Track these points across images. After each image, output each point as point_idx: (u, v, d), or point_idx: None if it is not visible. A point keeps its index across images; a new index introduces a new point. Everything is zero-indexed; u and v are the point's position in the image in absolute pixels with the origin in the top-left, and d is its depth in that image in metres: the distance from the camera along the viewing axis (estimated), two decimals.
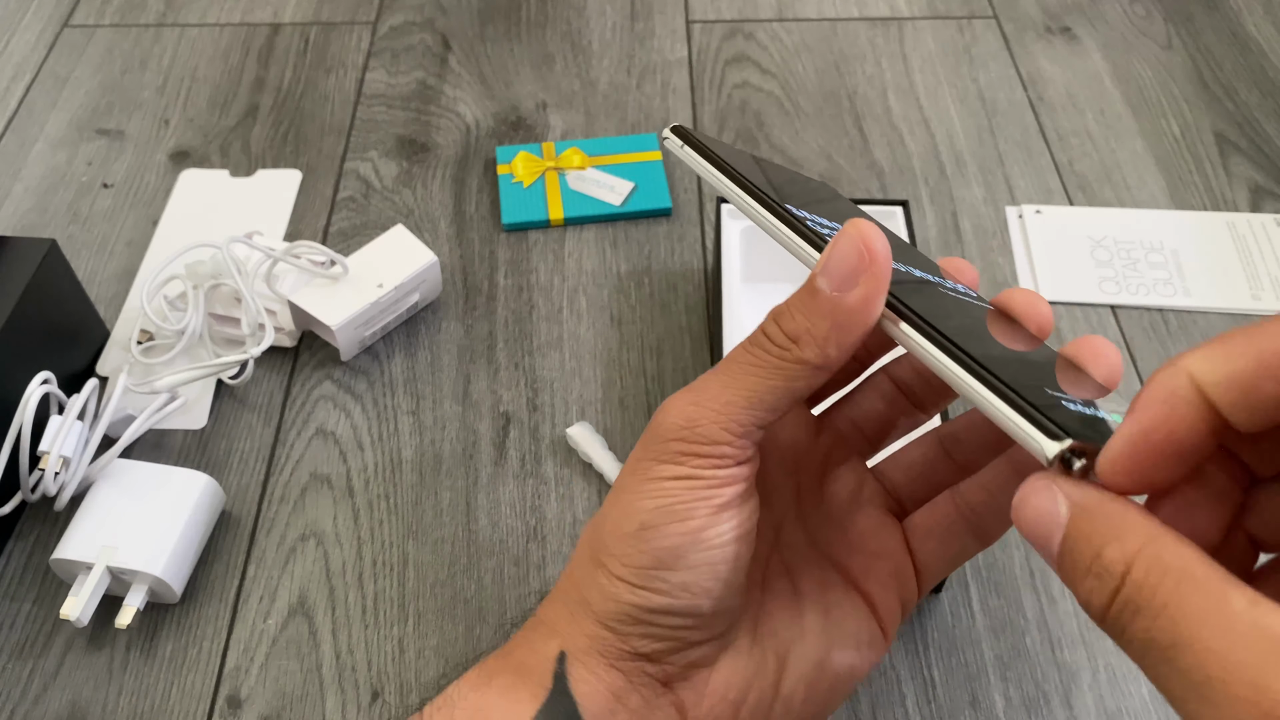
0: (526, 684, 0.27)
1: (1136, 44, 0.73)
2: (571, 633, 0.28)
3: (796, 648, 0.28)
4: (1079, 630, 0.45)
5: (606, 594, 0.27)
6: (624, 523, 0.27)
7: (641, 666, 0.27)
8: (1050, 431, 0.23)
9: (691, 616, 0.27)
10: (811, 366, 0.25)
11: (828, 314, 0.24)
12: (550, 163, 0.63)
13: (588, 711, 0.27)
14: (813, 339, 0.24)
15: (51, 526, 0.48)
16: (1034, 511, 0.21)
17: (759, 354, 0.26)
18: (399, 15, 0.75)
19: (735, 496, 0.26)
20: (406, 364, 0.54)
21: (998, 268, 0.59)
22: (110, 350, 0.55)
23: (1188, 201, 0.63)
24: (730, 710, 0.28)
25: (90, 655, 0.45)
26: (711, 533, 0.26)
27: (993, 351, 0.26)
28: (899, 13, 0.75)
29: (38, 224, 0.61)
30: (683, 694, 0.28)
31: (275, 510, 0.49)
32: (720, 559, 0.26)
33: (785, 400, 0.25)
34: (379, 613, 0.46)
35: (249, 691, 0.44)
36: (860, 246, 0.24)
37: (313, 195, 0.63)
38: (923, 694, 0.43)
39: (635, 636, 0.27)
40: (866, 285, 0.24)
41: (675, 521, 0.26)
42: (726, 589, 0.27)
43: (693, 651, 0.27)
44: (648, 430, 0.27)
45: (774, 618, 0.29)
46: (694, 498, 0.26)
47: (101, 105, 0.69)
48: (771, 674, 0.28)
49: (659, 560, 0.26)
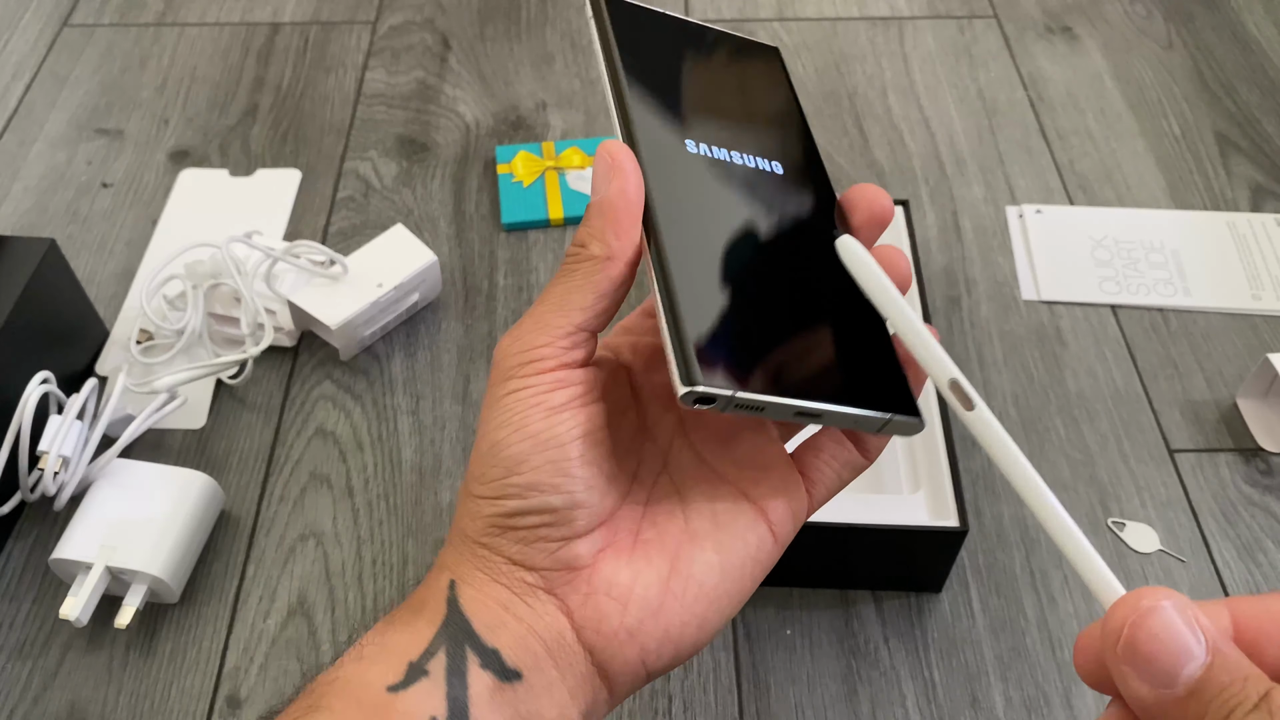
0: (424, 614, 0.30)
1: (1137, 44, 0.73)
2: (457, 563, 0.30)
3: (685, 549, 0.31)
4: (1079, 631, 0.45)
5: (473, 514, 0.30)
6: (480, 448, 0.30)
7: (520, 575, 0.30)
8: (688, 374, 0.26)
9: (545, 513, 0.29)
10: (601, 259, 0.29)
11: (597, 212, 0.29)
12: (550, 162, 0.63)
13: (479, 623, 0.29)
14: (592, 236, 0.29)
15: (51, 526, 0.48)
16: (1161, 636, 0.21)
17: (562, 268, 0.30)
18: (399, 15, 0.75)
19: (572, 398, 0.29)
20: (406, 364, 0.54)
21: (998, 267, 0.59)
22: (109, 350, 0.55)
23: (1188, 201, 0.63)
24: (616, 607, 0.29)
25: (90, 655, 0.45)
26: (549, 435, 0.29)
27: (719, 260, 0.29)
28: (899, 12, 0.75)
29: (37, 223, 0.61)
30: (565, 597, 0.30)
31: (275, 510, 0.49)
32: (562, 457, 0.29)
33: (589, 297, 0.29)
34: (378, 613, 0.46)
35: (248, 691, 0.43)
36: (605, 158, 0.29)
37: (312, 195, 0.63)
38: (923, 694, 0.43)
39: (503, 544, 0.30)
40: (617, 180, 0.29)
41: (515, 430, 0.29)
42: (574, 482, 0.29)
43: (561, 551, 0.29)
44: (491, 370, 0.31)
45: (658, 524, 0.31)
46: (528, 405, 0.29)
47: (101, 105, 0.68)
48: (657, 573, 0.30)
49: (507, 469, 0.29)
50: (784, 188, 0.33)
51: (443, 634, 0.29)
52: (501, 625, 0.29)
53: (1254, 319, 0.57)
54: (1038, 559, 0.47)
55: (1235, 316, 0.57)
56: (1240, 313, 0.57)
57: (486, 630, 0.29)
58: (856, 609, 0.46)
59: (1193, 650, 0.20)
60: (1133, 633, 0.21)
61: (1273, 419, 0.52)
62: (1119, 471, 0.50)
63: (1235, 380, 0.54)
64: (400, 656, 0.29)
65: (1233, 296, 0.58)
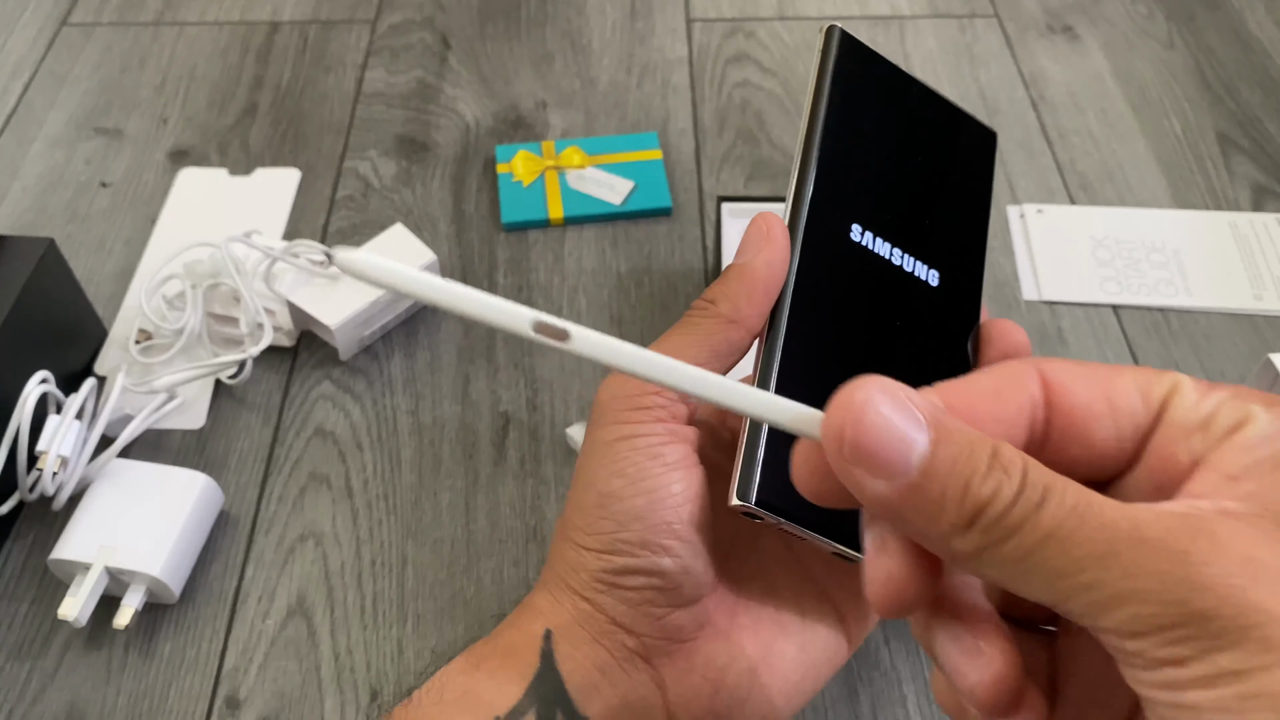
0: (515, 664, 0.28)
1: (1138, 43, 0.72)
2: (554, 612, 0.29)
3: (778, 642, 0.30)
4: None
5: (577, 566, 0.29)
6: (585, 496, 0.29)
7: (621, 639, 0.28)
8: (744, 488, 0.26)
9: (655, 575, 0.28)
10: (725, 319, 0.28)
11: (735, 275, 0.29)
12: (550, 162, 0.63)
13: (573, 685, 0.28)
14: (725, 296, 0.29)
15: (49, 526, 0.48)
16: (881, 427, 0.19)
17: (685, 319, 0.29)
18: (398, 13, 0.75)
19: (682, 457, 0.28)
20: (406, 364, 0.54)
21: (999, 267, 0.59)
22: (108, 349, 0.55)
23: (1190, 201, 0.63)
24: (709, 689, 0.28)
25: (88, 656, 0.44)
26: (664, 492, 0.28)
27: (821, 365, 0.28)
28: (900, 11, 0.75)
29: (36, 223, 0.61)
30: (663, 670, 0.29)
31: (274, 510, 0.49)
32: (676, 518, 0.28)
33: (705, 353, 0.28)
34: (378, 613, 0.46)
35: (248, 692, 0.43)
36: (761, 227, 0.29)
37: (312, 194, 0.63)
38: (924, 694, 0.43)
39: (608, 603, 0.28)
40: (766, 252, 0.29)
41: (629, 483, 0.28)
42: (686, 547, 0.28)
43: (666, 619, 0.28)
44: (592, 410, 0.30)
45: (751, 610, 0.30)
46: (644, 458, 0.28)
47: (100, 104, 0.68)
48: (750, 661, 0.29)
49: (619, 524, 0.28)
50: (931, 302, 0.31)
51: (534, 693, 0.28)
52: (595, 691, 0.28)
53: (1255, 319, 0.57)
54: None
55: (1237, 317, 0.57)
56: (1242, 313, 0.57)
57: (579, 695, 0.28)
58: None
59: (915, 433, 0.19)
60: (854, 433, 0.19)
61: None
62: None
63: (1237, 380, 0.54)
64: (486, 710, 0.27)
65: (1234, 297, 0.57)
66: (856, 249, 0.30)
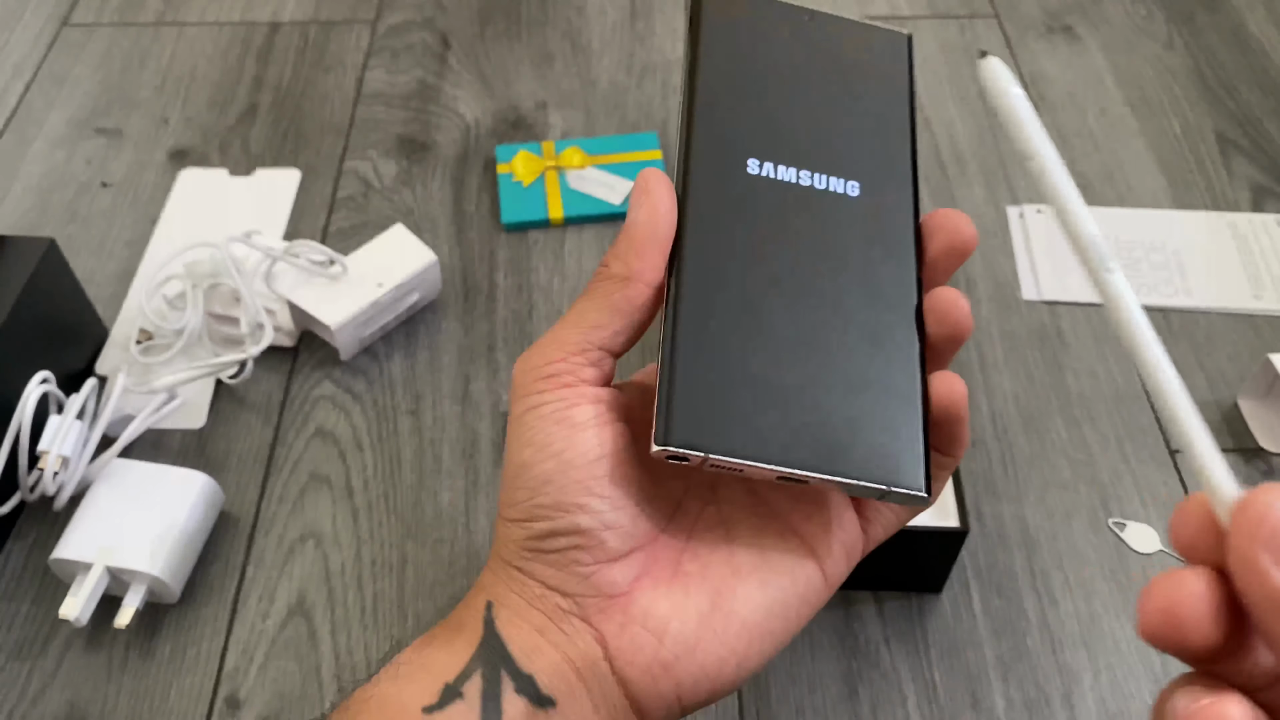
0: (462, 635, 0.30)
1: (1138, 44, 0.72)
2: (494, 584, 0.30)
3: (729, 584, 0.30)
4: (1080, 632, 0.45)
5: (505, 538, 0.30)
6: (506, 472, 0.30)
7: (555, 601, 0.29)
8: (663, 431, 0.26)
9: (574, 534, 0.28)
10: (620, 278, 0.29)
11: (623, 235, 0.29)
12: (550, 162, 0.63)
13: (516, 648, 0.29)
14: (615, 256, 0.29)
15: (50, 526, 0.48)
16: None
17: (585, 288, 0.30)
18: (398, 14, 0.75)
19: (593, 416, 0.29)
20: (406, 364, 0.54)
21: (999, 267, 0.59)
22: (109, 350, 0.55)
23: (1189, 201, 0.63)
24: (652, 640, 0.29)
25: (89, 655, 0.44)
26: (573, 454, 0.28)
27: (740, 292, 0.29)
28: (899, 12, 0.75)
29: (36, 223, 0.61)
30: (600, 625, 0.29)
31: (274, 510, 0.49)
32: (588, 475, 0.28)
33: (605, 314, 0.29)
34: (378, 613, 0.46)
35: (248, 692, 0.43)
36: (639, 182, 0.30)
37: (312, 194, 0.63)
38: (924, 695, 0.43)
39: (537, 569, 0.29)
40: (645, 206, 0.29)
41: (537, 450, 0.29)
42: (604, 503, 0.28)
43: (594, 576, 0.29)
44: (510, 391, 0.31)
45: (701, 557, 0.30)
46: (550, 424, 0.29)
47: (100, 104, 0.68)
48: (697, 607, 0.29)
49: (532, 490, 0.29)
50: (852, 214, 0.31)
51: (479, 656, 0.29)
52: (537, 651, 0.29)
53: (1255, 319, 0.57)
54: (1039, 560, 0.47)
55: (1236, 317, 0.57)
56: (1241, 313, 0.57)
57: (523, 655, 0.29)
58: (857, 609, 0.46)
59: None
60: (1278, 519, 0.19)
61: (1273, 419, 0.52)
62: (1119, 472, 0.50)
63: (1236, 381, 0.54)
64: (436, 677, 0.28)
65: (1234, 297, 0.57)
66: (757, 181, 0.30)
